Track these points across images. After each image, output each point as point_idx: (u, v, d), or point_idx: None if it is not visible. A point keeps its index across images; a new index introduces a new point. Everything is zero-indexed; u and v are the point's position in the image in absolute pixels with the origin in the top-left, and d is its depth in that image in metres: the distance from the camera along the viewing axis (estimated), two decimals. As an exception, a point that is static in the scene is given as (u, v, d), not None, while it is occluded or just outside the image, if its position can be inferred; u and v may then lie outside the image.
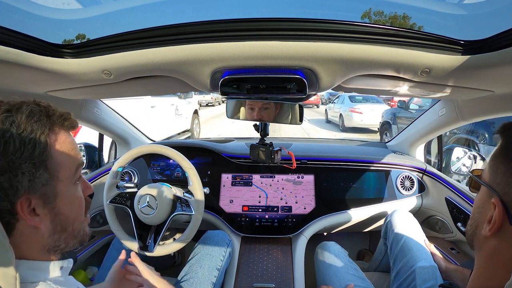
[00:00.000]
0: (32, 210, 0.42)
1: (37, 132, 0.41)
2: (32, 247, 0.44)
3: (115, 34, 0.62)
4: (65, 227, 0.46)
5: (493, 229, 0.43)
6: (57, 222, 0.45)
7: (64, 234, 0.47)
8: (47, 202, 0.43)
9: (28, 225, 0.42)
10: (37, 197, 0.42)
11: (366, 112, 8.08)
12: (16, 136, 0.39)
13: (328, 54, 0.59)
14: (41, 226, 0.43)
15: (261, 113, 0.97)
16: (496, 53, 0.54)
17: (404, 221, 1.09)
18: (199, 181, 1.04)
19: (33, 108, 0.42)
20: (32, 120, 0.41)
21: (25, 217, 0.41)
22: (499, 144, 0.49)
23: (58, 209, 0.45)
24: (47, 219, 0.44)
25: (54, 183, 0.44)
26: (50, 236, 0.45)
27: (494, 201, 0.43)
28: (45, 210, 0.44)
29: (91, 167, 1.47)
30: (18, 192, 0.40)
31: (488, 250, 0.45)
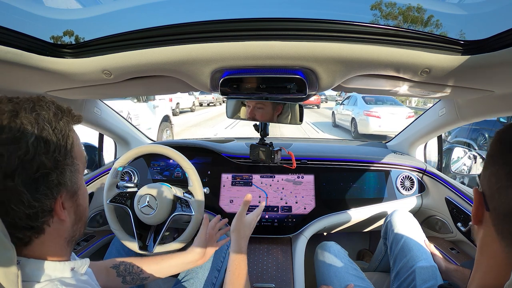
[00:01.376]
0: (61, 204, 0.43)
1: (66, 129, 0.43)
2: (56, 242, 0.45)
3: (115, 34, 0.62)
4: (81, 216, 0.49)
5: (475, 218, 0.44)
6: (78, 213, 0.48)
7: (80, 223, 0.49)
8: (74, 195, 0.46)
9: (57, 220, 0.43)
10: (68, 191, 0.44)
11: (385, 116, 6.73)
12: (52, 134, 0.41)
13: (328, 54, 0.59)
14: (66, 219, 0.45)
15: (254, 111, 0.97)
16: (496, 53, 0.54)
17: (404, 221, 1.09)
18: (199, 181, 1.04)
19: (51, 104, 0.44)
20: (58, 118, 0.43)
21: (59, 213, 0.43)
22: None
23: (79, 200, 0.47)
24: (71, 211, 0.46)
25: (78, 176, 0.47)
26: (72, 227, 0.47)
27: (474, 190, 0.45)
28: (70, 202, 0.46)
29: (91, 167, 1.47)
30: (61, 188, 0.42)
31: (479, 242, 0.47)
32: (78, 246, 1.27)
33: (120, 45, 0.62)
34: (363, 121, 7.14)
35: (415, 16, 6.29)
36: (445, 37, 0.57)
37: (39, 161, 0.39)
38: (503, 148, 0.41)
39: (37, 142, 0.39)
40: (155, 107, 4.93)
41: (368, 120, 6.99)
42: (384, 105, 7.33)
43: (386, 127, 6.77)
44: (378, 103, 7.51)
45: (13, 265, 0.36)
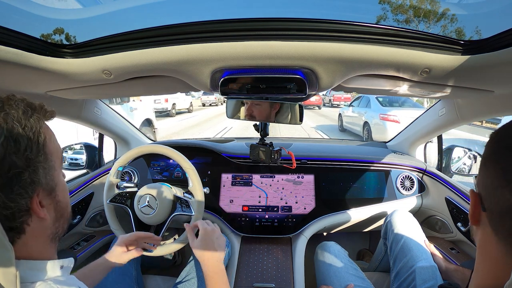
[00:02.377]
0: (39, 203, 0.43)
1: (37, 127, 0.42)
2: (38, 241, 0.44)
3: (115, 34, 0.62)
4: (62, 213, 0.48)
5: (473, 219, 0.44)
6: (58, 209, 0.47)
7: (62, 219, 0.49)
8: (51, 192, 0.45)
9: (37, 219, 0.43)
10: (46, 188, 0.44)
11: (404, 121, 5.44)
12: (22, 132, 0.40)
13: (328, 54, 0.59)
14: (46, 217, 0.44)
15: (252, 108, 0.97)
16: (496, 53, 0.54)
17: (404, 221, 1.09)
18: (199, 181, 1.04)
19: (20, 102, 0.43)
20: (28, 115, 0.42)
21: (37, 211, 0.42)
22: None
23: (58, 197, 0.47)
24: (51, 208, 0.46)
25: (54, 173, 0.46)
26: (53, 225, 0.46)
27: (470, 191, 0.46)
28: (49, 200, 0.45)
29: (91, 167, 1.47)
30: (36, 187, 0.42)
31: (478, 243, 0.47)
32: (78, 246, 1.27)
33: (120, 45, 0.62)
34: (378, 126, 6.08)
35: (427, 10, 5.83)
36: (445, 37, 0.57)
37: (10, 160, 0.38)
38: (496, 148, 0.41)
39: (6, 142, 0.38)
40: (132, 110, 4.39)
41: (385, 125, 5.88)
42: (402, 107, 6.29)
43: (407, 134, 5.83)
44: (395, 105, 6.48)
45: (12, 266, 0.35)
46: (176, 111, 12.04)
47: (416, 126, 1.40)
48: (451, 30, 5.87)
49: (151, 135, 4.79)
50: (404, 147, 1.49)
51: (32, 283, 0.41)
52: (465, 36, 8.52)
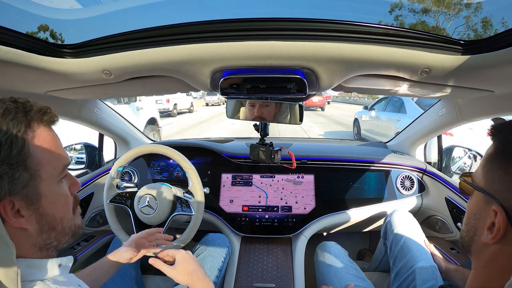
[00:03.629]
0: (17, 212, 0.41)
1: (13, 131, 0.39)
2: (22, 247, 0.43)
3: (115, 34, 0.62)
4: (53, 226, 0.45)
5: (497, 237, 0.42)
6: (44, 222, 0.44)
7: (54, 232, 0.45)
8: (30, 203, 0.42)
9: (13, 227, 0.41)
10: (19, 198, 0.40)
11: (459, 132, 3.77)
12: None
13: (328, 54, 0.59)
14: (27, 227, 0.42)
15: (261, 109, 0.97)
16: (496, 53, 0.54)
17: (404, 221, 1.09)
18: (199, 181, 1.04)
19: (8, 105, 0.40)
20: (8, 119, 0.39)
21: (9, 220, 0.40)
22: (491, 146, 0.47)
23: (43, 209, 0.43)
24: (32, 219, 0.42)
25: (36, 183, 0.42)
26: (38, 236, 0.44)
27: (496, 208, 0.42)
28: (29, 211, 0.42)
29: (91, 167, 1.47)
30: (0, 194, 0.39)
31: (488, 256, 0.45)
32: (78, 246, 1.27)
33: (120, 45, 0.62)
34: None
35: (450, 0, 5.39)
36: (445, 37, 0.57)
37: None
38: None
39: None
40: (138, 109, 4.60)
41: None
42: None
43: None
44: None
45: (13, 263, 0.35)
46: (177, 111, 12.21)
47: (416, 126, 1.40)
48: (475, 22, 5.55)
49: (156, 133, 4.95)
50: (404, 147, 1.49)
51: (31, 281, 0.41)
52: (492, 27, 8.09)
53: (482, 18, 4.73)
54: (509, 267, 0.40)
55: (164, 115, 11.45)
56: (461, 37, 11.30)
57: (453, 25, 12.42)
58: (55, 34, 3.95)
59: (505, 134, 0.45)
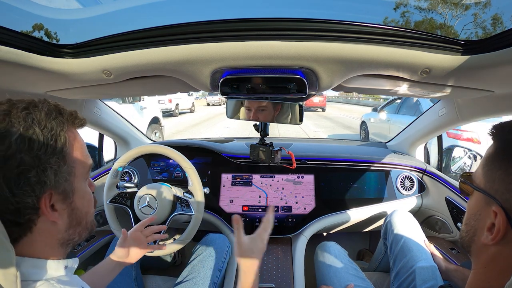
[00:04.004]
0: (51, 206, 0.43)
1: (57, 129, 0.43)
2: (47, 243, 0.45)
3: (115, 34, 0.62)
4: (79, 221, 0.48)
5: (497, 238, 0.42)
6: (73, 216, 0.47)
7: (79, 227, 0.49)
8: (66, 197, 0.45)
9: (47, 220, 0.43)
10: (59, 192, 0.44)
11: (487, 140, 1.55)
12: (39, 133, 0.41)
13: (328, 54, 0.59)
14: (59, 221, 0.45)
15: (257, 114, 0.97)
16: (496, 53, 0.54)
17: (404, 221, 1.09)
18: (199, 181, 1.04)
19: (49, 106, 0.44)
20: (51, 117, 0.43)
21: (47, 213, 0.42)
22: (491, 146, 0.47)
23: (75, 204, 0.47)
24: (64, 214, 0.46)
25: (72, 179, 0.46)
26: (66, 231, 0.47)
27: (496, 209, 0.42)
28: (64, 205, 0.45)
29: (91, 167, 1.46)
30: (44, 187, 0.41)
31: (487, 256, 0.45)
32: (79, 246, 1.27)
33: (120, 45, 0.62)
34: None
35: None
36: (445, 37, 0.57)
37: (20, 158, 0.39)
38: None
39: (20, 140, 0.39)
40: (142, 109, 4.78)
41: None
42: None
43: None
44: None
45: (12, 266, 0.36)
46: (179, 111, 12.47)
47: (416, 126, 1.40)
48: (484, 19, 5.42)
49: (159, 132, 5.15)
50: (404, 147, 1.49)
51: (34, 281, 0.41)
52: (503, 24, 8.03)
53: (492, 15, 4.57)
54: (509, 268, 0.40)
55: (166, 115, 11.71)
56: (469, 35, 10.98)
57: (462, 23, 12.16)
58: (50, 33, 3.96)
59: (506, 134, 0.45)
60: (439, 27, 13.16)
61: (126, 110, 4.37)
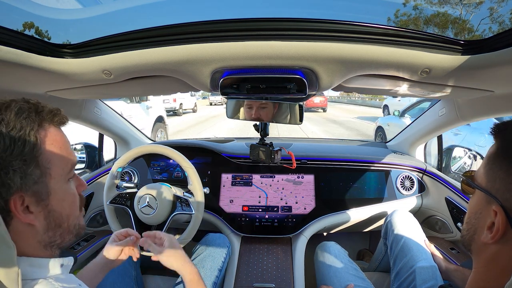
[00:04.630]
0: (26, 208, 0.42)
1: (27, 129, 0.41)
2: (28, 244, 0.44)
3: (115, 34, 0.62)
4: (59, 223, 0.46)
5: (496, 237, 0.42)
6: (51, 219, 0.45)
7: (59, 230, 0.47)
8: (40, 200, 0.43)
9: (22, 222, 0.42)
10: (30, 194, 0.42)
11: None
12: (5, 134, 0.39)
13: (328, 54, 0.59)
14: (35, 223, 0.43)
15: (259, 111, 0.97)
16: (496, 53, 0.54)
17: (404, 221, 1.09)
18: (198, 180, 1.04)
19: (21, 105, 0.42)
20: (21, 117, 0.41)
21: (18, 215, 0.41)
22: (493, 146, 0.47)
23: (52, 206, 0.45)
24: (41, 216, 0.44)
25: (46, 180, 0.43)
26: (45, 233, 0.45)
27: (495, 208, 0.42)
28: (39, 207, 0.43)
29: (91, 167, 1.47)
30: (10, 190, 0.40)
31: (487, 255, 0.45)
32: (78, 246, 1.27)
33: (120, 45, 0.62)
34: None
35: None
36: (445, 37, 0.57)
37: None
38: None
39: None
40: (148, 108, 4.93)
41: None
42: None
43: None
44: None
45: (14, 263, 0.36)
46: (183, 110, 12.99)
47: (416, 126, 1.40)
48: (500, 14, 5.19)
49: (163, 130, 5.31)
50: (404, 147, 1.49)
51: (33, 280, 0.41)
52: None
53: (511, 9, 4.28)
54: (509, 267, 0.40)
55: (170, 114, 12.16)
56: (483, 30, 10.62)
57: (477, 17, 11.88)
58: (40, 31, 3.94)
59: (508, 133, 0.45)
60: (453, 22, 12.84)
61: (133, 109, 4.46)
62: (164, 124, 5.44)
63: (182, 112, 12.76)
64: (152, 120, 4.97)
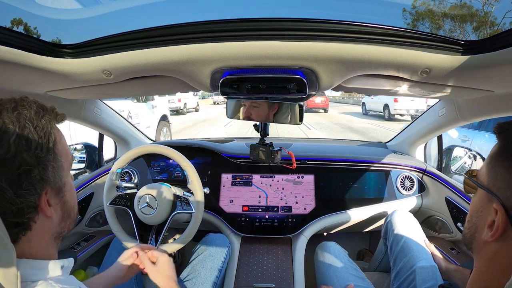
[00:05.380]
0: (46, 201, 0.44)
1: (47, 127, 0.44)
2: (42, 239, 0.45)
3: (115, 34, 0.62)
4: (69, 213, 0.50)
5: (496, 235, 0.42)
6: (65, 209, 0.48)
7: (69, 219, 0.50)
8: (59, 192, 0.46)
9: (44, 216, 0.44)
10: (53, 187, 0.45)
11: None
12: (33, 131, 0.42)
13: (328, 54, 0.59)
14: (53, 216, 0.45)
15: (250, 110, 0.97)
16: (496, 53, 0.54)
17: (405, 221, 1.09)
18: (198, 179, 1.04)
19: (35, 104, 0.45)
20: (40, 116, 0.44)
21: (45, 209, 0.43)
22: (496, 145, 0.47)
23: (66, 197, 0.48)
24: (58, 208, 0.47)
25: (63, 173, 0.47)
26: (59, 224, 0.48)
27: (496, 206, 0.42)
28: (57, 199, 0.46)
29: (91, 167, 1.47)
30: (45, 184, 0.43)
31: (488, 254, 0.45)
32: (78, 246, 1.27)
33: (120, 45, 0.62)
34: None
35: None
36: (445, 37, 0.57)
37: (21, 158, 0.40)
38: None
39: (18, 140, 0.40)
40: (153, 107, 5.19)
41: None
42: None
43: None
44: None
45: (13, 266, 0.36)
46: (187, 109, 13.91)
47: (416, 126, 1.40)
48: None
49: (167, 128, 5.64)
50: (404, 147, 1.49)
51: (33, 282, 0.41)
52: None
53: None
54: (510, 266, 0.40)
55: (175, 113, 13.06)
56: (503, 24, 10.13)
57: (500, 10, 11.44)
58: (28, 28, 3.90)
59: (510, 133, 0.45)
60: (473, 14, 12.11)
61: (140, 108, 4.68)
62: (168, 122, 5.72)
63: (186, 111, 13.63)
64: (157, 118, 5.26)
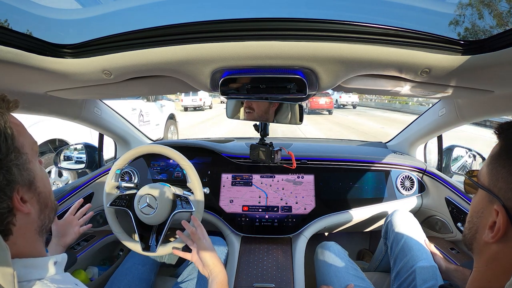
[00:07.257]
0: (21, 199, 0.42)
1: (2, 123, 0.40)
2: (26, 237, 0.44)
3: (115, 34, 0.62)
4: (46, 202, 0.47)
5: (497, 236, 0.42)
6: (41, 200, 0.46)
7: (47, 209, 0.48)
8: (30, 186, 0.44)
9: (21, 215, 0.42)
10: (23, 184, 0.42)
11: None
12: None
13: (328, 54, 0.59)
14: (31, 211, 0.44)
15: (249, 110, 0.97)
16: (496, 53, 0.54)
17: (405, 221, 1.09)
18: (197, 178, 1.04)
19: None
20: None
21: (21, 208, 0.41)
22: (497, 145, 0.47)
23: (39, 188, 0.46)
24: (34, 201, 0.45)
25: (30, 165, 0.44)
26: (38, 217, 0.46)
27: (497, 207, 0.42)
28: (30, 193, 0.44)
29: (91, 167, 1.46)
30: (13, 186, 0.40)
31: (489, 255, 0.45)
32: (78, 246, 1.27)
33: (120, 45, 0.62)
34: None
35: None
36: (445, 37, 0.57)
37: None
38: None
39: None
40: (162, 106, 5.54)
41: None
42: None
43: None
44: None
45: (9, 265, 0.35)
46: (205, 106, 17.52)
47: (416, 126, 1.40)
48: None
49: (174, 126, 6.08)
50: (404, 147, 1.49)
51: (29, 281, 0.41)
52: None
53: None
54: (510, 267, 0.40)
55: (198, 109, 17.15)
56: None
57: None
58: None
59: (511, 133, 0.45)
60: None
61: (150, 107, 5.02)
62: (175, 120, 6.10)
63: (204, 108, 17.43)
64: (165, 117, 5.65)
